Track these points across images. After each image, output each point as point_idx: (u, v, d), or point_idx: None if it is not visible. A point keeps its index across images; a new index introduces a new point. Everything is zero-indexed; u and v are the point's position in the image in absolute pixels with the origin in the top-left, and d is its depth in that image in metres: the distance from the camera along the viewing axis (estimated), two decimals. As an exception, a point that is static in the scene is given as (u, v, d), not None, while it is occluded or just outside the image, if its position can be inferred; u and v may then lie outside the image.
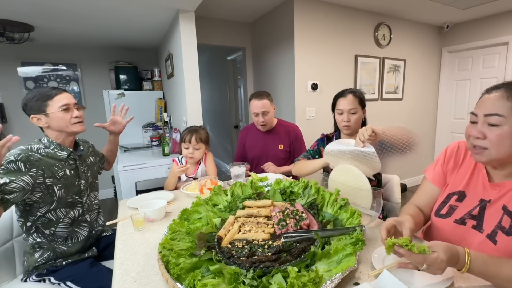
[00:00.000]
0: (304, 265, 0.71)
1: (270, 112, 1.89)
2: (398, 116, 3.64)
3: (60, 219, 1.21)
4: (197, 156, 1.67)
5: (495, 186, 0.83)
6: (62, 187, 1.19)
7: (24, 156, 1.09)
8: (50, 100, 1.19)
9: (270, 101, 1.88)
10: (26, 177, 1.07)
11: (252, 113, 1.90)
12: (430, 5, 2.96)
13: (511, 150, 0.73)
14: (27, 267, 1.19)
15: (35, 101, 1.17)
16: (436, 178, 1.00)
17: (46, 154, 1.18)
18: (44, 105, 1.18)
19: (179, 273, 0.68)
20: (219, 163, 5.01)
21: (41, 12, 2.19)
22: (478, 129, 0.77)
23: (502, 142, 0.73)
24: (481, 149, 0.77)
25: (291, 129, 1.98)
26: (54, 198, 1.17)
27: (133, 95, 3.40)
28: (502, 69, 3.32)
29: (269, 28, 3.03)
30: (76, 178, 1.26)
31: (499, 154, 0.75)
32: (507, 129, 0.72)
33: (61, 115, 1.19)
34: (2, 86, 3.20)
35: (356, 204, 1.10)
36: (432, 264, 0.63)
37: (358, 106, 1.42)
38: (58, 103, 1.19)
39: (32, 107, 1.17)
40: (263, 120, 1.87)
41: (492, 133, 0.74)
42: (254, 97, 1.88)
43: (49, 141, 1.21)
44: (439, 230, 0.93)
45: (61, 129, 1.21)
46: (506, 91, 0.74)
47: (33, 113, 1.18)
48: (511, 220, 0.77)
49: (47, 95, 1.19)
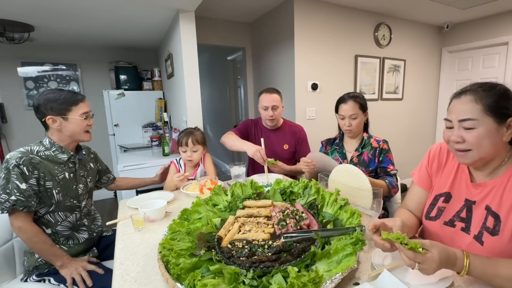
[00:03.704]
0: (304, 265, 0.70)
1: (279, 108, 1.87)
2: (398, 116, 3.64)
3: (58, 222, 1.21)
4: (196, 158, 1.66)
5: (477, 186, 0.84)
6: (60, 190, 1.19)
7: (26, 159, 1.10)
8: (75, 106, 1.20)
9: (280, 97, 1.88)
10: (32, 180, 1.10)
11: (261, 106, 1.86)
12: (430, 5, 2.96)
13: (492, 147, 0.76)
14: (27, 266, 1.19)
15: (59, 103, 1.17)
16: (422, 181, 1.01)
17: (46, 156, 1.18)
18: (67, 109, 1.19)
19: (179, 273, 0.68)
20: (219, 163, 5.01)
21: (41, 12, 2.19)
22: (456, 133, 0.79)
23: (481, 143, 0.75)
24: (465, 151, 0.79)
25: (297, 130, 1.97)
26: (53, 201, 1.18)
27: (133, 95, 3.40)
28: (502, 69, 3.32)
29: (269, 28, 3.03)
30: (74, 181, 1.26)
31: (481, 154, 0.77)
32: (482, 130, 0.75)
33: (79, 122, 1.21)
34: (2, 86, 3.20)
35: (356, 204, 1.10)
36: (423, 263, 0.63)
37: (359, 111, 1.47)
38: (80, 110, 1.21)
39: (53, 108, 1.17)
40: (271, 115, 1.83)
41: (469, 136, 0.76)
42: (264, 91, 1.86)
43: (51, 143, 1.21)
44: (431, 233, 0.94)
45: (72, 135, 1.22)
46: (473, 94, 0.76)
47: (52, 114, 1.17)
48: (495, 220, 0.78)
49: (73, 100, 1.20)
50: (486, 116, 0.74)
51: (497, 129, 0.75)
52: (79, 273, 1.13)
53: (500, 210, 0.78)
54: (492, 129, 0.74)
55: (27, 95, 3.34)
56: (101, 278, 1.15)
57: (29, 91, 3.35)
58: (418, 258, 0.63)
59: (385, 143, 1.48)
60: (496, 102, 0.74)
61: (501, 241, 0.76)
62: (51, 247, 1.14)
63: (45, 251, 1.13)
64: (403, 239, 0.64)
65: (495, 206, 0.79)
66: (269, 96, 1.83)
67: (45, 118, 1.17)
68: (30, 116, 3.39)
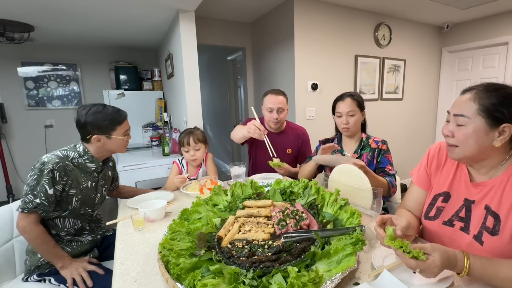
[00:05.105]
0: (304, 265, 0.70)
1: (285, 111, 1.79)
2: (398, 116, 3.64)
3: (65, 228, 1.21)
4: (199, 157, 1.66)
5: (476, 185, 0.84)
6: (80, 199, 1.19)
7: (61, 165, 1.10)
8: (119, 125, 1.21)
9: (286, 99, 1.80)
10: (59, 186, 1.11)
11: (266, 108, 1.77)
12: (430, 5, 2.96)
13: (477, 149, 0.77)
14: (29, 266, 1.19)
15: (106, 123, 1.18)
16: (421, 180, 1.01)
17: (78, 164, 1.18)
18: (112, 129, 1.19)
19: (179, 273, 0.68)
20: (219, 163, 5.01)
21: (41, 12, 2.19)
22: (449, 127, 0.81)
23: (466, 141, 0.77)
24: (453, 146, 0.81)
25: (301, 133, 1.92)
26: (69, 207, 1.18)
27: (133, 95, 3.40)
28: (502, 69, 3.32)
29: (269, 28, 3.03)
30: (94, 191, 1.26)
31: (465, 152, 0.79)
32: (470, 129, 0.76)
33: (121, 141, 1.21)
34: (2, 86, 3.20)
35: (356, 204, 1.10)
36: (425, 269, 0.63)
37: (356, 109, 1.46)
38: (123, 129, 1.22)
39: (100, 127, 1.17)
40: (276, 117, 1.74)
41: (458, 132, 0.78)
42: (270, 92, 1.77)
43: (84, 151, 1.20)
44: (430, 233, 0.94)
45: (113, 151, 1.23)
46: (475, 93, 0.77)
47: (97, 133, 1.17)
48: (495, 220, 0.78)
49: (118, 120, 1.21)
50: (479, 117, 0.74)
51: (487, 132, 0.74)
52: (79, 273, 1.13)
53: (500, 210, 0.78)
54: (481, 131, 0.74)
55: (27, 95, 3.34)
56: (101, 279, 1.15)
57: (29, 91, 3.35)
58: (421, 266, 0.63)
59: (384, 144, 1.47)
60: (494, 105, 0.73)
61: (501, 241, 0.76)
62: (54, 248, 1.14)
63: (47, 251, 1.13)
64: (405, 247, 0.64)
65: (494, 206, 0.79)
66: (275, 97, 1.73)
67: (90, 136, 1.17)
68: (30, 116, 3.39)
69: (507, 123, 0.73)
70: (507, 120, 0.73)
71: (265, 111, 1.80)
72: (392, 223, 0.78)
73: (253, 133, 1.39)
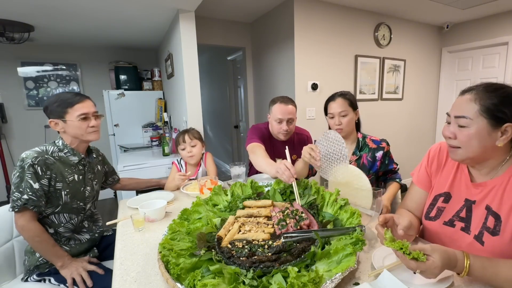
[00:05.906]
0: (304, 265, 0.70)
1: (295, 121, 1.66)
2: (398, 116, 3.64)
3: (62, 223, 1.22)
4: (196, 153, 1.66)
5: (477, 185, 0.84)
6: (69, 192, 1.20)
7: (41, 159, 1.11)
8: (70, 108, 1.20)
9: (296, 108, 1.66)
10: (44, 180, 1.11)
11: (275, 119, 1.61)
12: (430, 5, 2.96)
13: (480, 149, 0.76)
14: (28, 266, 1.19)
15: (56, 106, 1.19)
16: (421, 181, 1.01)
17: (59, 158, 1.20)
18: (63, 112, 1.19)
19: (179, 273, 0.68)
20: (219, 163, 5.01)
21: (41, 12, 2.19)
22: (450, 129, 0.81)
23: (469, 142, 0.77)
24: (455, 148, 0.81)
25: (306, 138, 1.84)
26: (60, 202, 1.19)
27: (133, 95, 3.40)
28: (502, 69, 3.32)
29: (269, 28, 3.03)
30: (82, 184, 1.27)
31: (468, 153, 0.78)
32: (473, 130, 0.75)
33: (78, 124, 1.20)
34: (2, 86, 3.20)
35: (356, 204, 1.10)
36: (425, 270, 0.64)
37: (348, 108, 1.42)
38: (77, 112, 1.20)
39: (52, 111, 1.19)
40: (286, 129, 1.61)
41: (461, 134, 0.78)
42: (279, 101, 1.61)
43: (63, 145, 1.22)
44: (430, 233, 0.94)
45: (77, 137, 1.23)
46: (475, 93, 0.76)
47: (52, 117, 1.19)
48: (495, 220, 0.78)
49: (68, 102, 1.20)
50: (481, 117, 0.74)
51: (489, 132, 0.74)
52: (79, 273, 1.13)
53: (500, 210, 0.78)
54: (484, 131, 0.74)
55: (27, 95, 3.34)
56: (101, 278, 1.15)
57: (29, 91, 3.35)
58: (421, 267, 0.63)
59: (387, 144, 1.47)
60: (495, 105, 0.73)
61: (501, 241, 0.76)
62: (53, 247, 1.14)
63: (47, 251, 1.13)
64: (405, 249, 0.64)
65: (495, 206, 0.79)
66: (285, 107, 1.58)
67: (50, 122, 1.20)
68: (30, 116, 3.39)
69: (509, 122, 0.73)
70: (509, 119, 0.73)
71: (272, 121, 1.66)
72: (394, 222, 0.78)
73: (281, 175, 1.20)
